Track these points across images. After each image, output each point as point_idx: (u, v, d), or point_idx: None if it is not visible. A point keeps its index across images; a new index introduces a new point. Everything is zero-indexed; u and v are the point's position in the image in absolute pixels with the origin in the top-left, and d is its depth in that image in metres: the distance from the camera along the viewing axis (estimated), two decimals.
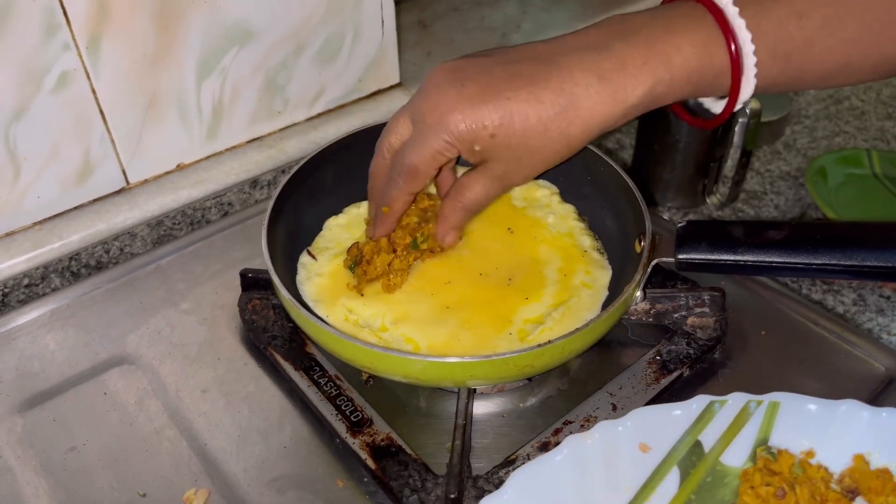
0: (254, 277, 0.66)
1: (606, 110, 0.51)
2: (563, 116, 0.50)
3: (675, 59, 0.50)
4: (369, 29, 0.84)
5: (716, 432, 0.48)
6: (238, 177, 0.80)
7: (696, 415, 0.49)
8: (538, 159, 0.53)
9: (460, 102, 0.51)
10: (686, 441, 0.48)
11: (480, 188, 0.55)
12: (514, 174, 0.54)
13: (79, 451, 0.57)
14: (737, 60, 0.49)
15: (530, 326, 0.58)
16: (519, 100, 0.50)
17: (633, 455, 0.48)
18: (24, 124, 0.66)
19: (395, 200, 0.58)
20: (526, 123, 0.51)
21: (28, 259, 0.70)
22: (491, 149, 0.52)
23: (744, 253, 0.54)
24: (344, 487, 0.54)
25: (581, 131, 0.51)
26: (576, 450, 0.47)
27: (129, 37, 0.68)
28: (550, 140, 0.51)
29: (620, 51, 0.50)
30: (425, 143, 0.53)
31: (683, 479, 0.47)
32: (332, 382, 0.59)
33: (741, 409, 0.49)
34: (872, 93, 1.10)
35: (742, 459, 0.48)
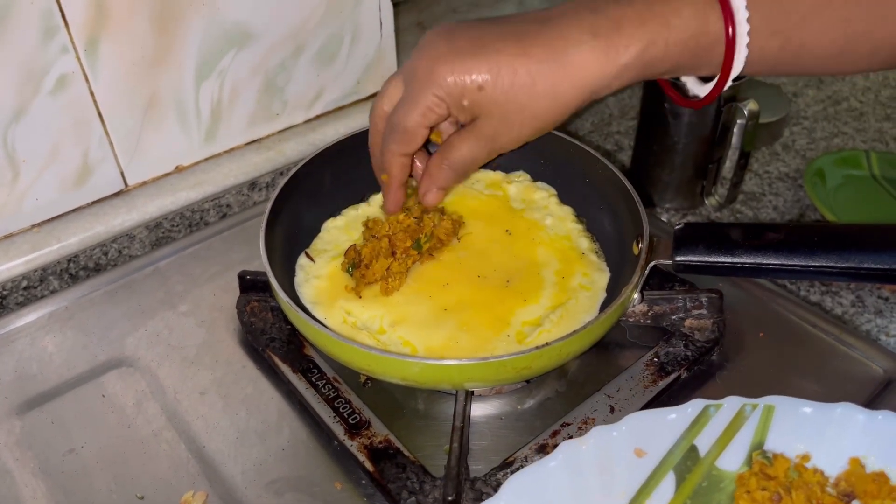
0: (252, 279, 0.66)
1: (598, 67, 0.49)
2: (553, 71, 0.49)
3: (672, 21, 0.49)
4: (368, 31, 0.84)
5: (711, 436, 0.48)
6: (236, 179, 0.80)
7: (691, 419, 0.49)
8: (527, 117, 0.51)
9: (449, 56, 0.51)
10: (681, 445, 0.48)
11: (467, 147, 0.54)
12: (502, 134, 0.53)
13: (77, 454, 0.57)
14: (732, 26, 0.49)
15: (528, 328, 0.58)
16: (508, 53, 0.50)
17: (629, 460, 0.48)
18: (23, 126, 0.67)
19: (391, 165, 0.57)
20: (514, 77, 0.50)
21: (26, 261, 0.70)
22: (479, 103, 0.51)
23: (741, 255, 0.54)
24: (342, 490, 0.54)
25: (571, 88, 0.50)
26: (571, 455, 0.47)
27: (128, 39, 0.68)
28: (539, 96, 0.50)
29: (616, 10, 0.50)
30: (415, 100, 0.52)
31: (679, 483, 0.47)
32: (330, 385, 0.59)
33: (736, 412, 0.49)
34: (871, 94, 1.10)
35: (738, 464, 0.48)
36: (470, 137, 0.54)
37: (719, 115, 0.82)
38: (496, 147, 0.54)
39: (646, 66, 0.50)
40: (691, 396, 0.59)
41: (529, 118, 0.51)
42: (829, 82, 1.13)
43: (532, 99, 0.50)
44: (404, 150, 0.56)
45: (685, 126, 0.83)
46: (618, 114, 1.09)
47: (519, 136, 0.53)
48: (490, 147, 0.54)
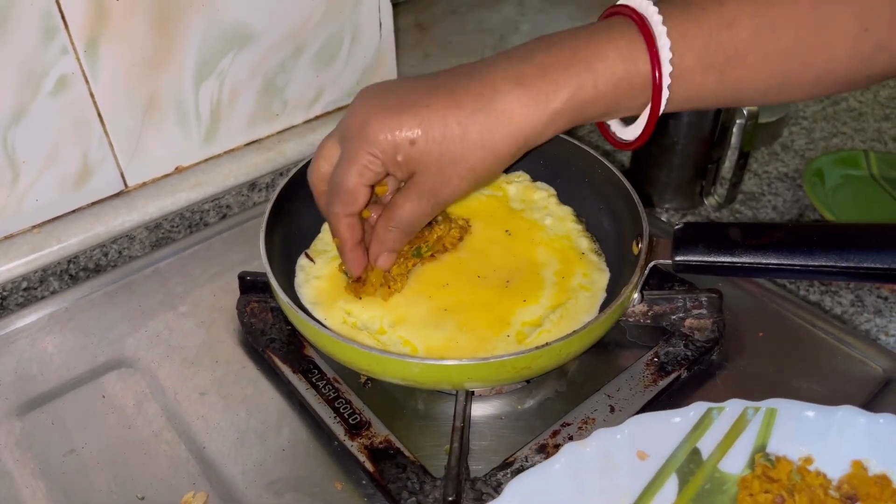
0: (252, 280, 0.66)
1: (528, 114, 0.49)
2: (483, 121, 0.49)
3: (597, 65, 0.49)
4: (367, 31, 0.84)
5: (714, 439, 0.48)
6: (236, 179, 0.80)
7: (693, 422, 0.48)
8: (463, 168, 0.51)
9: (381, 113, 0.51)
10: (684, 448, 0.48)
11: (410, 206, 0.54)
12: (441, 187, 0.52)
13: (77, 454, 0.57)
14: (658, 66, 0.48)
15: (528, 329, 0.58)
16: (438, 106, 0.50)
17: (631, 463, 0.48)
18: (23, 127, 0.67)
19: (338, 227, 0.56)
20: (445, 129, 0.49)
21: (26, 262, 0.70)
22: (414, 158, 0.51)
23: (741, 255, 0.54)
24: (342, 490, 0.54)
25: (504, 137, 0.50)
26: (573, 458, 0.47)
27: (127, 40, 0.68)
28: (472, 145, 0.50)
29: (543, 59, 0.50)
30: (350, 160, 0.52)
31: (682, 486, 0.47)
32: (330, 385, 0.59)
33: (739, 415, 0.49)
34: (870, 94, 1.10)
35: (740, 466, 0.48)
36: (411, 195, 0.53)
37: (718, 116, 0.82)
38: (438, 201, 0.54)
39: (578, 110, 0.50)
40: (691, 396, 0.60)
41: (465, 170, 0.51)
42: None
43: (465, 150, 0.50)
44: (347, 210, 0.55)
45: (684, 126, 0.83)
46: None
47: (458, 189, 0.53)
48: (432, 202, 0.54)
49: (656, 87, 0.49)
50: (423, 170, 0.51)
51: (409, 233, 0.56)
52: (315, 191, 0.57)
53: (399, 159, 0.51)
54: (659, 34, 0.48)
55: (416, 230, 0.57)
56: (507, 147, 0.50)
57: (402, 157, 0.51)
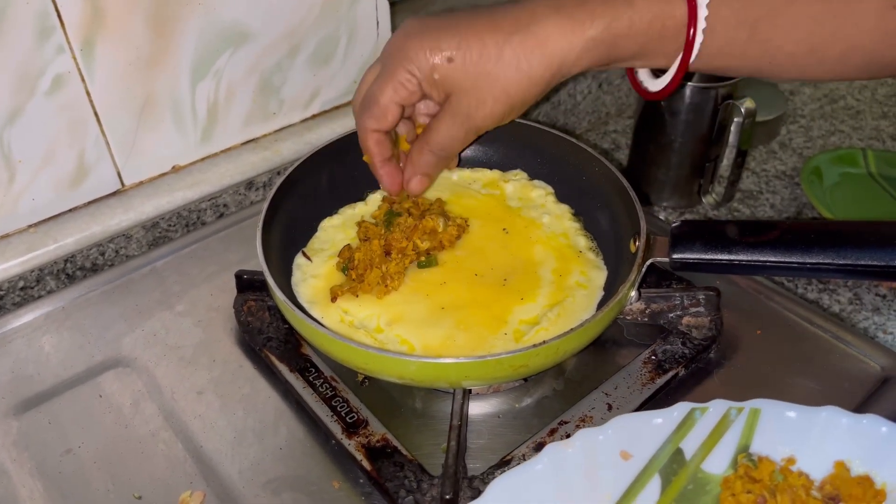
0: (249, 279, 0.66)
1: (564, 40, 0.50)
2: (520, 42, 0.50)
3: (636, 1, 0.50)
4: (364, 30, 0.84)
5: (697, 439, 0.48)
6: (233, 178, 0.80)
7: (677, 422, 0.48)
8: (498, 89, 0.52)
9: (421, 33, 0.52)
10: (667, 449, 0.48)
11: (445, 127, 0.55)
12: (476, 109, 0.53)
13: (74, 454, 0.57)
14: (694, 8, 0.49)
15: (525, 327, 0.58)
16: (477, 27, 0.51)
17: (614, 463, 0.47)
18: (19, 127, 0.66)
19: (366, 140, 0.58)
20: (482, 49, 0.51)
21: (23, 262, 0.70)
22: (450, 77, 0.52)
23: (738, 252, 0.54)
24: (339, 489, 0.54)
25: (539, 60, 0.51)
26: (556, 458, 0.46)
27: (124, 39, 0.68)
28: (508, 66, 0.51)
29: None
30: (387, 76, 0.54)
31: (665, 486, 0.47)
32: (327, 384, 0.59)
33: (722, 416, 0.48)
34: (868, 92, 1.10)
35: (723, 467, 0.48)
36: (446, 117, 0.55)
37: (716, 114, 0.82)
38: (472, 125, 0.55)
39: (612, 44, 0.51)
40: (689, 394, 0.60)
41: (500, 91, 0.52)
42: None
43: (501, 70, 0.51)
44: (376, 125, 0.56)
45: (682, 124, 0.83)
46: (615, 112, 1.10)
47: (493, 112, 0.54)
48: (467, 125, 0.55)
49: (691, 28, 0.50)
50: (458, 89, 0.53)
51: (444, 157, 0.58)
52: (356, 116, 0.59)
53: (436, 77, 0.52)
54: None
55: (450, 155, 0.58)
56: (541, 70, 0.51)
57: (439, 75, 0.52)
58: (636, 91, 0.59)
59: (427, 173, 0.59)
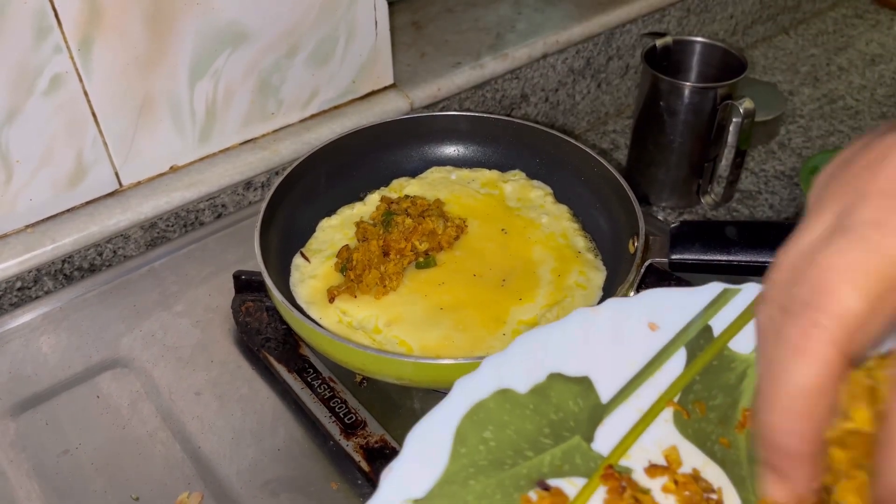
0: (247, 279, 0.66)
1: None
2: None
3: None
4: (363, 30, 0.83)
5: (726, 319, 0.47)
6: (231, 178, 0.80)
7: (708, 300, 0.47)
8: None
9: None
10: (696, 324, 0.47)
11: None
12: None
13: (72, 455, 0.57)
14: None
15: (524, 327, 0.58)
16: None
17: (642, 332, 0.47)
18: (17, 127, 0.66)
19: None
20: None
21: (20, 262, 0.70)
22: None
23: (737, 253, 0.54)
24: (338, 490, 0.54)
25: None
26: (584, 321, 0.46)
27: (121, 39, 0.68)
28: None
29: None
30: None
31: (690, 360, 0.46)
32: (325, 384, 0.59)
33: (754, 298, 0.47)
34: (867, 92, 1.10)
35: (750, 347, 0.47)
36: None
37: (715, 114, 0.82)
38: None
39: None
40: None
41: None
42: (825, 80, 1.13)
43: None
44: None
45: (681, 125, 0.83)
46: (614, 112, 1.09)
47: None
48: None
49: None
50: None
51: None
52: None
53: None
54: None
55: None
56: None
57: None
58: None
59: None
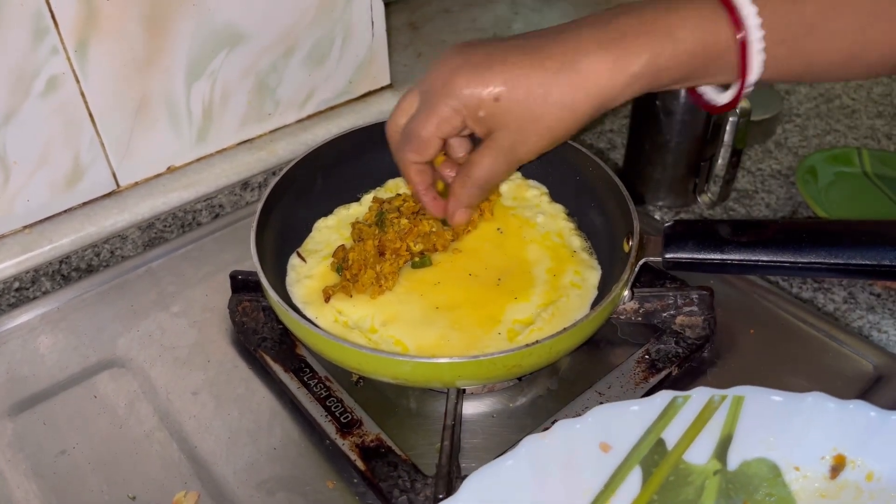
0: (244, 279, 0.66)
1: (608, 77, 0.50)
2: (566, 81, 0.50)
3: (677, 32, 0.50)
4: (359, 31, 0.84)
5: (679, 429, 0.47)
6: (229, 179, 0.80)
7: (658, 411, 0.47)
8: (543, 127, 0.52)
9: (466, 69, 0.52)
10: (648, 439, 0.47)
11: (488, 162, 0.55)
12: (520, 145, 0.54)
13: (69, 455, 0.57)
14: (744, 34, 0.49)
15: (519, 326, 0.58)
16: (523, 65, 0.51)
17: (594, 455, 0.46)
18: (14, 128, 0.66)
19: (407, 172, 0.58)
20: (529, 88, 0.51)
21: (18, 263, 0.70)
22: (495, 115, 0.52)
23: (731, 252, 0.54)
24: (334, 488, 0.54)
25: (584, 98, 0.51)
26: (533, 450, 0.45)
27: (118, 40, 0.68)
28: (553, 106, 0.51)
29: (624, 24, 0.51)
30: (431, 111, 0.54)
31: (646, 478, 0.46)
32: (322, 384, 0.59)
33: (705, 404, 0.47)
34: (863, 91, 1.10)
35: (706, 457, 0.47)
36: (489, 152, 0.55)
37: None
38: (514, 159, 0.55)
39: (656, 76, 0.51)
40: None
41: (545, 129, 0.52)
42: None
43: (546, 109, 0.51)
44: (418, 158, 0.57)
45: (677, 124, 0.83)
46: (611, 112, 1.10)
47: (536, 148, 0.54)
48: (509, 159, 0.55)
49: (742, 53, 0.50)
50: (502, 127, 0.53)
51: (486, 189, 0.58)
52: (391, 140, 0.59)
53: (481, 115, 0.52)
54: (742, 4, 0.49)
55: (492, 187, 0.58)
56: (586, 107, 0.51)
57: (485, 113, 0.52)
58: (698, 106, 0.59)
59: (470, 205, 0.59)
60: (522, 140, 0.53)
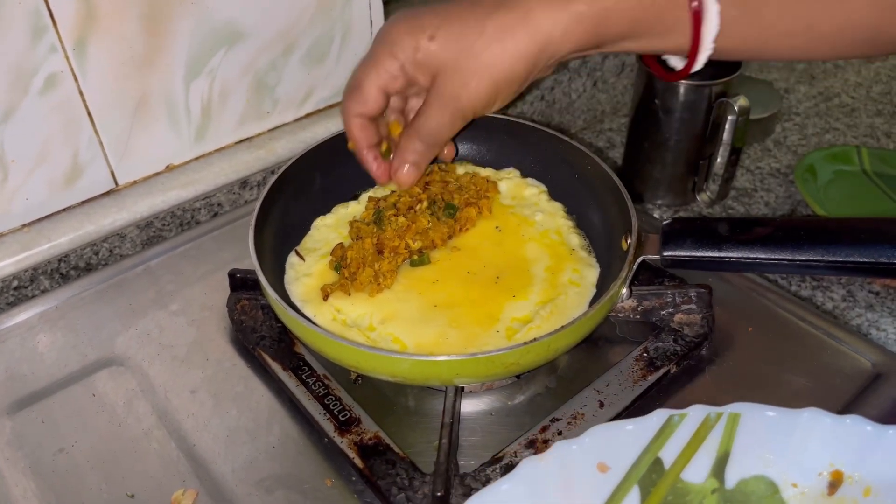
0: (242, 278, 0.66)
1: (549, 14, 0.49)
2: (503, 16, 0.49)
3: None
4: (358, 29, 0.84)
5: (676, 448, 0.47)
6: (227, 177, 0.80)
7: (655, 430, 0.47)
8: (482, 66, 0.51)
9: (405, 17, 0.52)
10: (646, 458, 0.46)
11: (431, 112, 0.54)
12: (461, 89, 0.52)
13: (67, 453, 0.57)
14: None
15: (518, 324, 0.58)
16: (459, 5, 0.51)
17: (592, 476, 0.46)
18: (12, 126, 0.66)
19: (348, 126, 0.57)
20: (463, 24, 0.50)
21: (17, 261, 0.70)
22: (432, 54, 0.51)
23: (729, 249, 0.54)
24: (332, 487, 0.54)
25: (524, 37, 0.49)
26: (531, 473, 0.45)
27: (117, 39, 0.68)
28: (490, 40, 0.50)
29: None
30: (369, 59, 0.54)
31: (644, 498, 0.46)
32: (320, 382, 0.59)
33: (701, 422, 0.47)
34: (862, 90, 1.10)
35: (703, 476, 0.47)
36: (432, 101, 0.54)
37: (710, 112, 0.82)
38: (458, 106, 0.53)
39: (601, 19, 0.49)
40: (681, 391, 0.60)
41: (484, 68, 0.51)
42: (821, 78, 1.13)
43: (483, 45, 0.50)
44: (358, 109, 0.56)
45: (676, 122, 0.83)
46: (610, 111, 1.10)
47: (478, 92, 0.52)
48: (453, 107, 0.53)
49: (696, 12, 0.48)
50: (442, 69, 0.52)
51: (432, 144, 0.57)
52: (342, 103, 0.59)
53: (419, 56, 0.52)
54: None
55: (439, 142, 0.57)
56: (525, 46, 0.50)
57: (422, 55, 0.52)
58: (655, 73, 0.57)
59: (416, 162, 0.58)
60: (463, 83, 0.52)
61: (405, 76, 0.54)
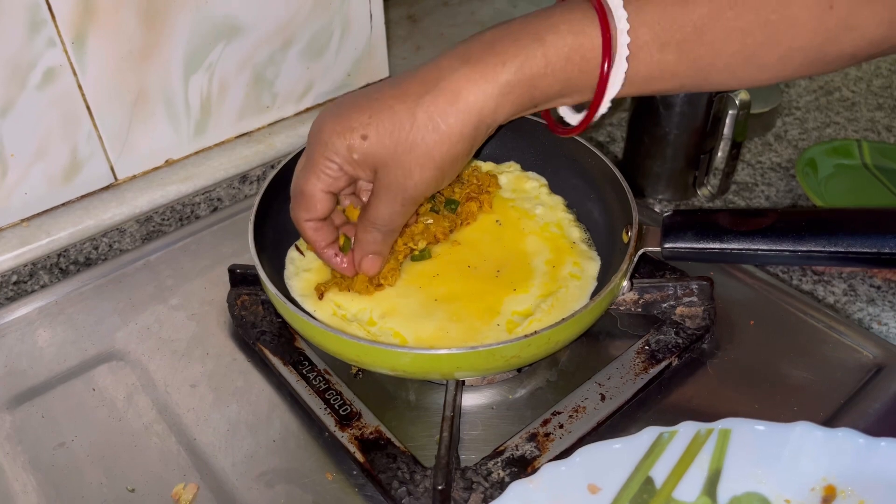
0: (242, 273, 0.66)
1: (477, 90, 0.48)
2: (431, 103, 0.48)
3: (547, 36, 0.47)
4: (357, 23, 0.83)
5: (667, 466, 0.46)
6: (227, 172, 0.80)
7: (645, 448, 0.46)
8: (420, 155, 0.49)
9: (332, 117, 0.51)
10: (637, 478, 0.46)
11: (380, 203, 0.53)
12: (405, 179, 0.51)
13: (67, 448, 0.57)
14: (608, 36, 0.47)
15: (518, 318, 0.58)
16: (386, 98, 0.49)
17: (582, 497, 0.45)
18: (11, 121, 0.66)
19: (303, 231, 0.56)
20: (393, 118, 0.49)
21: (16, 256, 0.70)
22: (370, 153, 0.50)
23: (729, 241, 0.54)
24: (333, 481, 0.54)
25: (457, 118, 0.48)
26: (521, 496, 0.44)
27: (115, 33, 0.68)
28: (423, 129, 0.49)
29: (490, 36, 0.49)
30: (308, 164, 0.53)
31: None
32: (320, 377, 0.59)
33: (692, 439, 0.47)
34: (863, 84, 1.10)
35: (695, 494, 0.46)
36: (379, 192, 0.53)
37: (711, 106, 0.82)
38: (406, 196, 0.52)
39: (530, 85, 0.48)
40: (682, 385, 0.60)
41: (424, 157, 0.50)
42: None
43: (418, 135, 0.49)
44: (308, 215, 0.55)
45: (677, 117, 0.83)
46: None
47: (424, 179, 0.51)
48: (401, 197, 0.52)
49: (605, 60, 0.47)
50: (381, 164, 0.51)
51: (388, 233, 0.56)
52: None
53: (356, 157, 0.51)
54: (614, 6, 0.47)
55: (394, 230, 0.56)
56: (460, 127, 0.49)
57: (358, 155, 0.51)
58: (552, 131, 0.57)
59: (377, 251, 0.57)
60: (406, 174, 0.51)
61: (346, 175, 0.53)
